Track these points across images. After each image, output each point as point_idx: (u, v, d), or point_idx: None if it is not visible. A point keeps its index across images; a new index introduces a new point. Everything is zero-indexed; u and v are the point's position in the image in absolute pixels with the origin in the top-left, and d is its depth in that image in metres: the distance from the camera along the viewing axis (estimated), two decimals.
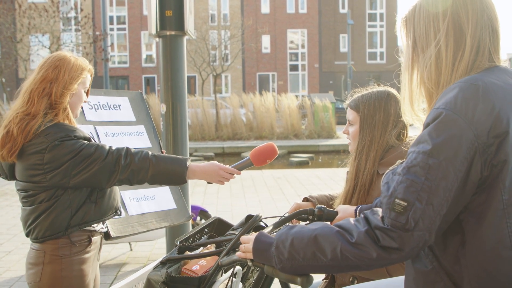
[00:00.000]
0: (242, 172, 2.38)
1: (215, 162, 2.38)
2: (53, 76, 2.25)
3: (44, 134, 2.16)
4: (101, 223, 2.41)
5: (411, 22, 1.46)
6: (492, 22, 1.38)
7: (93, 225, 2.34)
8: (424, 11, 1.42)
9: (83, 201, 2.26)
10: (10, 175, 2.32)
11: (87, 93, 2.45)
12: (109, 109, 3.12)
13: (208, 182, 2.38)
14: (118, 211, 2.47)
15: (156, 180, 2.29)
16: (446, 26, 1.38)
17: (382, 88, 2.28)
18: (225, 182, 2.36)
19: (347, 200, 2.23)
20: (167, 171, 2.27)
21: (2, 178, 2.39)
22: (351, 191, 2.22)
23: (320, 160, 16.25)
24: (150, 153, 2.29)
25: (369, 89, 2.28)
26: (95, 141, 2.32)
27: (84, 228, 2.29)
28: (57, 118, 2.24)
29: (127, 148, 2.27)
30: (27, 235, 2.29)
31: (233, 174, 2.33)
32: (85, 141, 2.23)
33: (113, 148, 2.25)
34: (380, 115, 2.19)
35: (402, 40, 1.51)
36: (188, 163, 2.31)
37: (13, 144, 2.16)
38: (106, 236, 2.56)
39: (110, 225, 2.63)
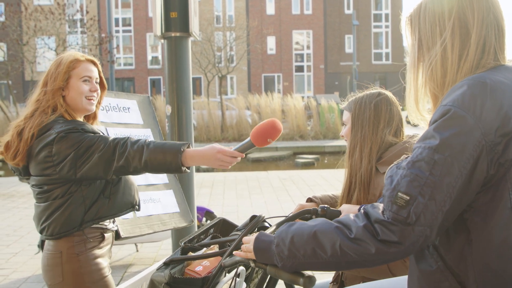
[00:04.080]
0: (247, 172, 2.33)
1: (214, 144, 2.21)
2: (45, 80, 2.32)
3: (54, 126, 2.21)
4: (112, 221, 2.41)
5: (416, 21, 1.45)
6: (498, 20, 1.38)
7: (105, 223, 2.35)
8: (430, 10, 1.42)
9: (96, 197, 2.27)
10: (24, 171, 2.33)
11: (100, 83, 2.41)
12: (119, 111, 3.17)
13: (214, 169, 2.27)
14: (137, 206, 2.43)
15: (150, 167, 2.15)
16: (452, 24, 1.37)
17: (375, 90, 2.31)
18: (229, 166, 2.19)
19: (347, 199, 2.24)
20: (159, 158, 2.13)
21: (16, 175, 2.42)
22: (347, 189, 2.24)
23: (325, 161, 16.22)
24: (148, 140, 2.20)
25: (364, 92, 2.32)
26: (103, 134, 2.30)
27: (98, 223, 2.30)
28: (56, 114, 2.27)
29: (127, 137, 2.22)
30: (41, 232, 2.30)
31: (235, 157, 2.18)
32: (91, 134, 2.22)
33: (115, 138, 2.22)
34: (370, 112, 2.22)
35: (407, 39, 1.51)
36: (184, 148, 2.15)
37: (15, 149, 2.23)
38: (117, 236, 2.58)
39: (120, 225, 2.65)
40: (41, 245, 4.77)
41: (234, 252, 1.58)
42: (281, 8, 39.74)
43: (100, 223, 2.33)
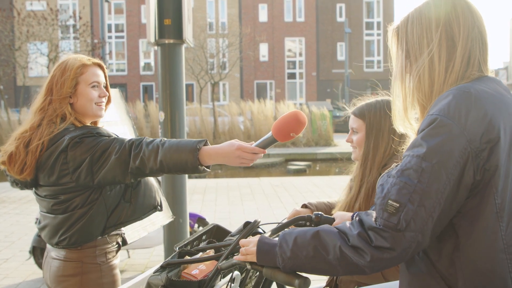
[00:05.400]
0: (239, 178, 2.30)
1: (233, 141, 2.00)
2: (49, 87, 2.20)
3: (65, 134, 2.10)
4: (122, 228, 2.35)
5: (404, 32, 1.50)
6: (482, 35, 1.44)
7: (122, 229, 2.32)
8: (417, 22, 1.47)
9: (117, 202, 2.20)
10: (31, 183, 2.19)
11: (106, 88, 2.31)
12: None
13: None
14: (159, 207, 2.37)
15: (166, 167, 2.01)
16: (439, 36, 1.43)
17: (385, 97, 2.27)
18: (250, 164, 2.00)
19: (350, 206, 2.22)
20: (174, 157, 1.99)
21: (18, 187, 2.27)
22: (355, 197, 2.21)
23: (317, 168, 16.26)
24: (165, 139, 2.08)
25: (373, 98, 2.28)
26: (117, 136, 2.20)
27: (120, 228, 2.24)
28: (66, 122, 2.16)
29: (144, 138, 2.11)
30: (59, 243, 2.18)
31: (256, 153, 1.98)
32: (106, 137, 2.12)
33: (131, 138, 2.11)
34: (386, 122, 2.18)
35: (392, 50, 1.56)
36: (200, 145, 1.99)
37: (22, 162, 2.10)
38: (123, 242, 2.53)
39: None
40: (33, 252, 4.77)
41: (235, 257, 1.60)
42: (274, 16, 39.91)
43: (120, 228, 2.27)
